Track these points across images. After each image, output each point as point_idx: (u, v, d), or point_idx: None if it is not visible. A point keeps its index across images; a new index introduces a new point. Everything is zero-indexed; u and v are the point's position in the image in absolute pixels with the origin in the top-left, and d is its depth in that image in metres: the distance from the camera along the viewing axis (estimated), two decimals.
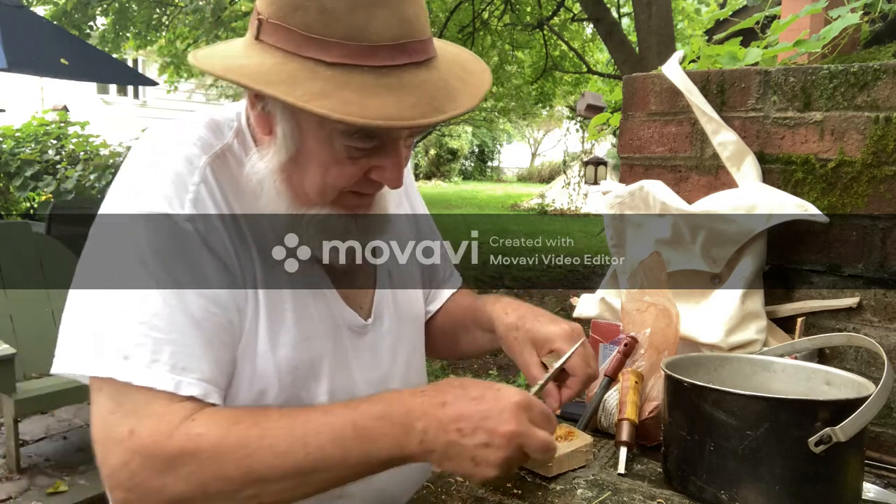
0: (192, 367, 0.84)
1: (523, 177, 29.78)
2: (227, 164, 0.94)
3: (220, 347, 0.88)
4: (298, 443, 0.82)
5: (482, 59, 0.96)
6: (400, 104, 0.80)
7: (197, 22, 7.85)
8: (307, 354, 0.97)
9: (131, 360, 0.82)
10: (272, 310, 0.94)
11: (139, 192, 0.88)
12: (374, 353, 1.08)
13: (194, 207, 0.88)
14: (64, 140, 7.67)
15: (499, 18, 8.82)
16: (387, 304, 1.10)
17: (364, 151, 0.87)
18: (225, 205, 0.91)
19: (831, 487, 0.97)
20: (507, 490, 1.06)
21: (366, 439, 0.82)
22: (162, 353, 0.83)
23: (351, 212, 0.96)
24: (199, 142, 0.93)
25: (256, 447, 0.81)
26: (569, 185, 16.68)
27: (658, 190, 1.48)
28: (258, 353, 0.93)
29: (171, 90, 10.61)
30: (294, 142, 0.89)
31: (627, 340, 1.32)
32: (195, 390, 0.84)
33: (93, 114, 10.72)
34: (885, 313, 1.32)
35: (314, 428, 0.83)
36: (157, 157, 0.92)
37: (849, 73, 1.33)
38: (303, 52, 0.81)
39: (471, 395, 0.84)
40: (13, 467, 3.16)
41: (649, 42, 5.68)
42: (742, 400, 0.99)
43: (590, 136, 2.84)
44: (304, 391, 0.98)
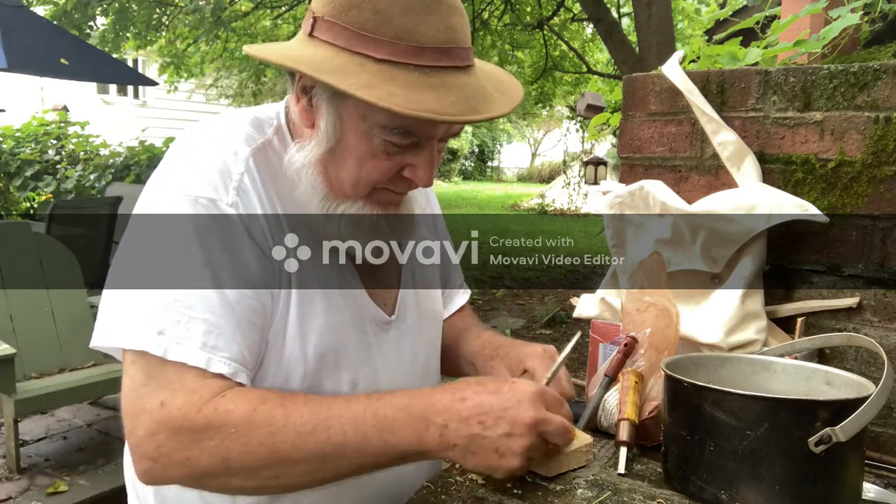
0: (222, 346, 0.87)
1: (523, 177, 29.78)
2: (268, 158, 0.99)
3: (250, 328, 0.91)
4: (322, 425, 0.84)
5: (519, 86, 1.00)
6: (441, 101, 0.84)
7: (197, 22, 7.84)
8: (333, 344, 1.00)
9: (165, 336, 0.85)
10: (303, 298, 0.98)
11: (186, 178, 0.93)
12: (397, 348, 1.11)
13: (238, 195, 0.93)
14: (64, 140, 7.68)
15: (499, 18, 8.82)
16: (410, 302, 1.14)
17: (400, 148, 0.91)
18: (266, 195, 0.96)
19: (831, 487, 0.97)
20: (507, 490, 1.06)
21: (385, 429, 0.85)
22: (194, 330, 0.86)
23: (382, 210, 0.99)
24: (244, 136, 0.98)
25: (282, 426, 0.84)
26: (569, 185, 16.67)
27: (658, 190, 1.48)
28: (286, 339, 0.96)
29: (171, 90, 10.61)
30: (335, 134, 0.93)
31: (627, 340, 1.32)
32: (224, 368, 0.87)
33: (93, 114, 10.73)
34: (885, 313, 1.32)
35: (337, 413, 0.85)
36: (204, 147, 0.97)
37: (849, 73, 1.33)
38: (353, 48, 0.86)
39: (489, 389, 0.88)
40: (13, 467, 3.16)
41: (649, 42, 5.68)
42: (742, 400, 0.99)
43: (590, 136, 2.84)
44: (327, 380, 1.00)
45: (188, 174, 0.94)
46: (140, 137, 8.36)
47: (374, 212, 0.98)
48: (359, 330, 1.05)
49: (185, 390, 0.85)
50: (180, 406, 0.84)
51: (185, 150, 0.98)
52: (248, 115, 1.03)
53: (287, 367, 0.97)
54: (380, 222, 0.99)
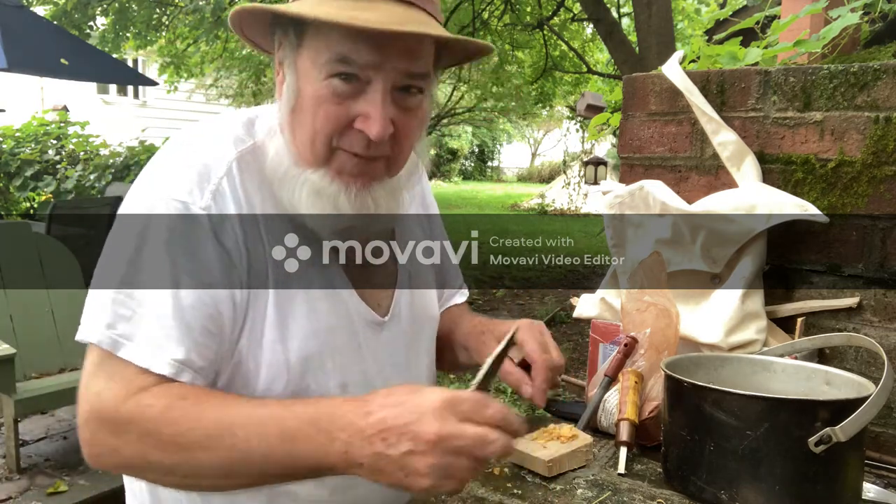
0: (168, 346, 0.88)
1: (523, 177, 29.77)
2: (257, 161, 0.99)
3: (202, 333, 0.90)
4: (227, 430, 0.83)
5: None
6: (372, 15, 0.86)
7: (197, 22, 7.84)
8: (318, 347, 0.99)
9: (115, 330, 0.88)
10: (282, 304, 0.97)
11: (163, 179, 0.94)
12: (391, 349, 1.10)
13: (213, 199, 0.92)
14: (64, 140, 7.68)
15: (499, 18, 8.81)
16: (405, 303, 1.13)
17: (350, 88, 0.91)
18: (246, 201, 0.95)
19: (831, 487, 0.97)
20: (506, 490, 1.06)
21: (289, 440, 0.82)
22: (143, 328, 0.88)
23: (343, 182, 0.96)
24: (233, 138, 0.98)
25: (191, 427, 0.84)
26: (569, 185, 16.67)
27: (658, 190, 1.48)
28: (264, 344, 0.96)
29: (171, 90, 10.60)
30: (294, 90, 0.94)
31: (627, 340, 1.32)
32: (166, 369, 0.87)
33: (93, 114, 10.72)
34: (885, 313, 1.32)
35: (244, 419, 0.84)
36: (191, 149, 0.98)
37: (849, 73, 1.33)
38: None
39: (394, 401, 0.80)
40: (13, 467, 3.16)
41: (649, 42, 5.68)
42: (742, 400, 0.99)
43: (590, 136, 2.84)
44: (314, 384, 0.99)
45: (167, 176, 0.94)
46: (140, 137, 8.36)
47: (336, 182, 0.95)
48: (348, 332, 1.03)
49: (120, 382, 0.87)
50: (111, 397, 0.86)
51: (173, 152, 0.98)
52: (242, 117, 1.03)
53: (270, 373, 0.96)
54: (339, 196, 0.96)
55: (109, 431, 0.86)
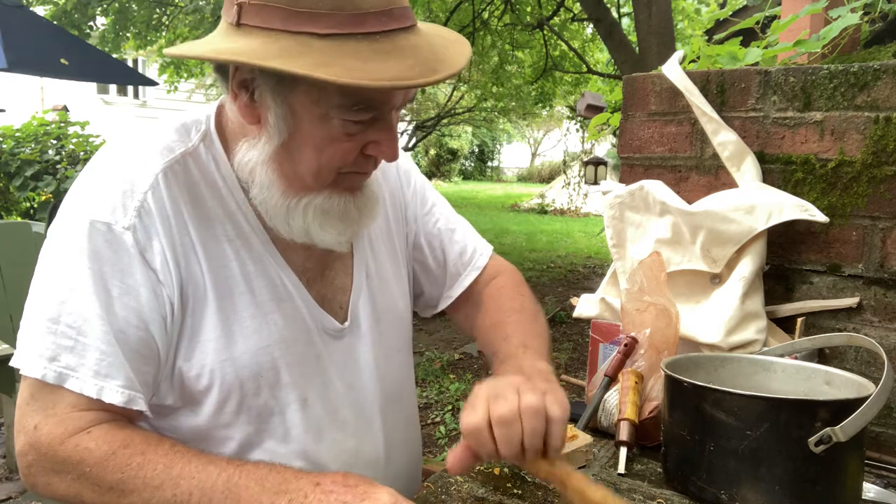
0: (114, 374, 0.87)
1: (523, 177, 29.79)
2: (188, 169, 0.95)
3: (137, 358, 0.90)
4: (170, 483, 0.83)
5: (466, 40, 0.96)
6: (400, 66, 0.81)
7: (197, 22, 7.85)
8: (269, 363, 0.97)
9: (59, 362, 0.86)
10: (226, 318, 0.94)
11: (87, 199, 0.91)
12: (353, 356, 1.06)
13: (138, 217, 0.89)
14: (64, 140, 7.67)
15: (499, 18, 8.81)
16: (364, 304, 1.09)
17: (360, 125, 0.88)
18: (174, 213, 0.92)
19: (831, 487, 0.97)
20: (507, 490, 1.06)
21: (233, 498, 0.82)
22: (87, 358, 0.86)
23: (351, 195, 0.96)
24: (162, 147, 0.94)
25: (133, 475, 0.84)
26: (569, 185, 16.68)
27: (658, 190, 1.48)
28: (208, 362, 0.93)
29: (171, 90, 10.61)
30: (287, 126, 0.89)
31: (627, 340, 1.32)
32: (117, 398, 0.87)
33: (93, 114, 10.71)
34: (885, 313, 1.32)
35: (190, 473, 0.84)
36: (115, 164, 0.94)
37: (849, 73, 1.33)
38: (292, 28, 0.81)
39: (347, 482, 0.82)
40: (13, 467, 3.16)
41: (649, 42, 5.68)
42: (742, 400, 0.99)
43: (590, 136, 2.84)
44: (271, 399, 0.98)
45: (90, 195, 0.91)
46: None
47: (343, 197, 0.95)
48: (303, 343, 1.00)
49: (56, 418, 0.86)
50: (48, 433, 0.86)
51: (98, 167, 0.95)
52: (175, 122, 0.99)
53: (221, 391, 0.94)
54: (348, 207, 0.95)
55: (46, 468, 0.87)
